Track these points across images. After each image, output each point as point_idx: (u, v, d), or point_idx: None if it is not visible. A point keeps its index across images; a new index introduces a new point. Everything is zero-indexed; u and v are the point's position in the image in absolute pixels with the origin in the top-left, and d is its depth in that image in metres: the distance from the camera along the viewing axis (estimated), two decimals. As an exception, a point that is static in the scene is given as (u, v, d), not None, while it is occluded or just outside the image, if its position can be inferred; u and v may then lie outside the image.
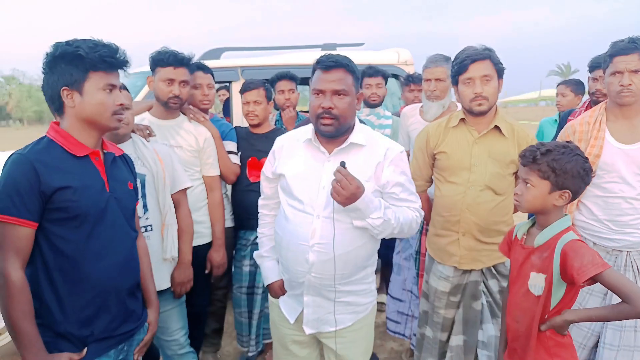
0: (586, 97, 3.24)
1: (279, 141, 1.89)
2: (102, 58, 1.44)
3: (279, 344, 1.96)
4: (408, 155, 2.58)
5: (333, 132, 1.67)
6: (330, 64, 1.64)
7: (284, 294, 1.89)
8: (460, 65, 2.05)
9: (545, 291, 1.53)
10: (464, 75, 2.05)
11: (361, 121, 1.90)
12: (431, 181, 2.35)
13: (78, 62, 1.43)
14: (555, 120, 4.02)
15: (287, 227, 1.75)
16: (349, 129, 1.71)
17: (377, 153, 1.71)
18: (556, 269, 1.50)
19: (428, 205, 2.39)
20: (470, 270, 2.17)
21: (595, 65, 2.84)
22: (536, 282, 1.56)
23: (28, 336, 1.37)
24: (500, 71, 2.06)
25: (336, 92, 1.64)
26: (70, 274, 1.45)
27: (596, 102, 2.86)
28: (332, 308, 1.76)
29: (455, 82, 2.13)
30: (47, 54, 1.45)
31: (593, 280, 1.45)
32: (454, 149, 2.15)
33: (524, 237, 1.67)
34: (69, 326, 1.45)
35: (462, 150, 2.13)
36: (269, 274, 1.93)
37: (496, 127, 2.10)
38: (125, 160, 1.72)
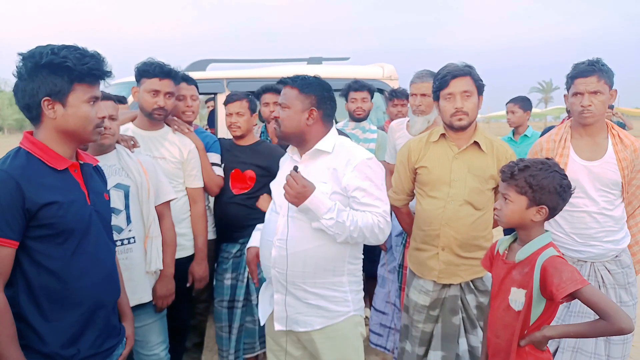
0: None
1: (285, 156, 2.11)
2: (90, 70, 1.40)
3: (272, 341, 2.00)
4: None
5: (280, 136, 1.92)
6: (280, 81, 1.94)
7: (252, 264, 2.02)
8: (442, 80, 2.10)
9: (525, 306, 1.55)
10: (445, 91, 2.10)
11: (343, 134, 1.96)
12: (413, 195, 2.38)
13: (64, 73, 1.37)
14: (511, 137, 4.27)
15: (265, 225, 1.97)
16: (300, 138, 1.88)
17: (340, 159, 1.83)
18: (536, 284, 1.52)
19: (410, 219, 2.41)
20: (450, 285, 2.19)
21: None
22: (516, 298, 1.58)
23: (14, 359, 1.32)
24: (480, 88, 2.12)
25: (280, 104, 1.90)
26: (55, 291, 1.40)
27: None
28: (301, 309, 1.84)
29: (436, 98, 2.18)
30: (25, 58, 1.37)
31: (572, 296, 1.47)
32: (434, 164, 2.19)
33: (506, 252, 1.70)
34: (56, 346, 1.41)
35: (442, 165, 2.16)
36: (251, 241, 2.07)
37: (475, 142, 2.14)
38: (98, 170, 1.68)
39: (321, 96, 1.88)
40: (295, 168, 1.75)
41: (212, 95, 4.84)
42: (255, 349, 2.74)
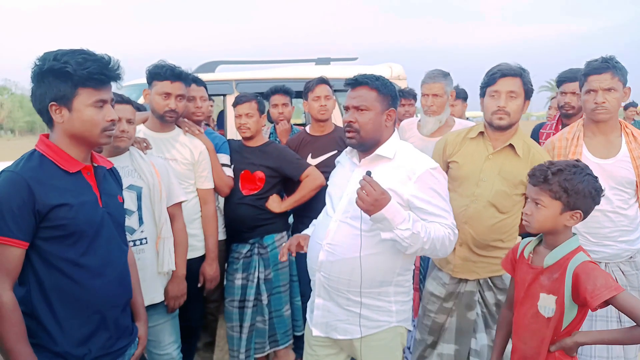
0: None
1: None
2: (90, 75, 1.39)
3: (307, 343, 1.98)
4: None
5: (355, 144, 1.79)
6: (352, 81, 1.79)
7: (298, 246, 1.92)
8: (490, 77, 2.08)
9: (557, 313, 1.50)
10: (491, 88, 2.08)
11: None
12: None
13: (66, 78, 1.38)
14: None
15: (315, 228, 1.91)
16: (377, 142, 1.78)
17: (403, 168, 1.74)
18: (568, 291, 1.48)
19: None
20: (467, 280, 2.18)
21: (563, 80, 2.93)
22: (546, 304, 1.53)
23: (24, 357, 1.34)
24: (528, 92, 2.08)
25: (356, 107, 1.77)
26: (66, 292, 1.42)
27: (566, 115, 2.96)
28: (342, 316, 1.78)
29: (482, 94, 2.15)
30: (35, 64, 1.40)
31: (606, 303, 1.42)
32: (465, 160, 2.18)
33: (531, 256, 1.64)
34: (67, 345, 1.42)
35: (474, 163, 2.15)
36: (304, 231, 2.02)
37: (511, 145, 2.10)
38: (113, 173, 1.70)
39: (395, 96, 1.80)
40: (369, 173, 1.61)
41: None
42: (265, 349, 2.75)
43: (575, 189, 1.50)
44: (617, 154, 2.13)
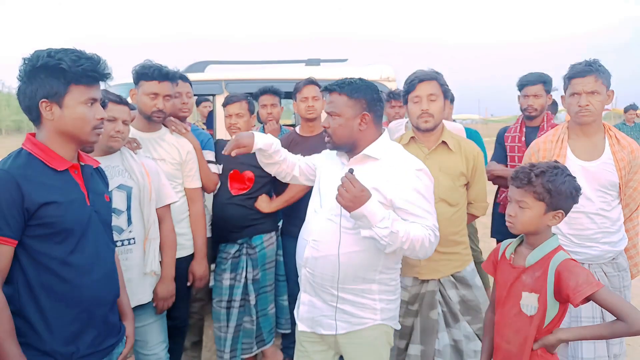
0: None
1: (324, 152, 2.08)
2: (85, 72, 1.41)
3: (297, 340, 2.00)
4: None
5: (331, 147, 1.88)
6: (325, 89, 1.86)
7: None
8: (409, 84, 2.22)
9: (540, 311, 1.53)
10: (412, 94, 2.21)
11: None
12: None
13: (59, 75, 1.39)
14: None
15: (304, 224, 1.93)
16: (353, 145, 1.82)
17: (389, 168, 1.77)
18: (550, 288, 1.51)
19: None
20: (428, 280, 2.23)
21: (524, 83, 3.04)
22: (529, 302, 1.56)
23: (12, 356, 1.33)
24: (446, 92, 2.23)
25: (329, 113, 1.83)
26: (55, 290, 1.42)
27: (528, 117, 3.06)
28: (327, 312, 1.81)
29: (405, 102, 2.28)
30: (25, 62, 1.40)
31: (587, 299, 1.46)
32: None
33: (512, 256, 1.67)
34: (55, 344, 1.42)
35: None
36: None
37: (444, 142, 2.24)
38: (100, 172, 1.70)
39: (371, 98, 1.81)
40: (351, 170, 1.65)
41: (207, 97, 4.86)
42: (252, 349, 2.75)
43: (557, 190, 1.54)
44: (601, 157, 2.17)
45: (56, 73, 1.39)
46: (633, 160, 2.16)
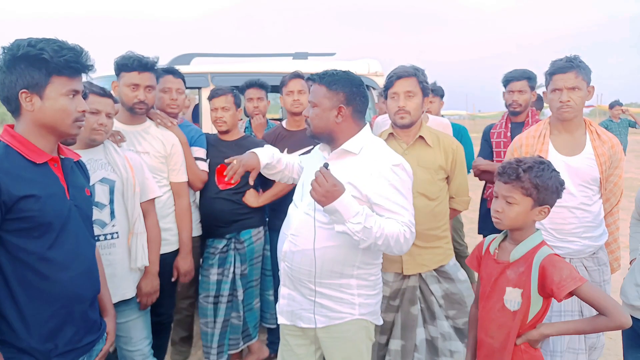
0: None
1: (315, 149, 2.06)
2: (67, 63, 1.38)
3: (281, 333, 2.00)
4: None
5: (310, 136, 1.88)
6: (311, 77, 1.86)
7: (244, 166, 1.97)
8: (388, 81, 2.25)
9: (524, 306, 1.54)
10: (390, 90, 2.25)
11: None
12: None
13: (41, 65, 1.36)
14: None
15: (286, 218, 1.94)
16: (330, 136, 1.82)
17: (366, 163, 1.76)
18: (534, 283, 1.52)
19: None
20: (409, 276, 2.25)
21: (509, 79, 3.09)
22: (512, 297, 1.57)
23: None
24: (425, 89, 2.24)
25: (310, 102, 1.84)
26: (32, 285, 1.38)
27: (513, 113, 3.11)
28: (306, 305, 1.82)
29: (385, 97, 2.31)
30: (5, 51, 1.37)
31: (571, 294, 1.47)
32: None
33: (496, 251, 1.68)
34: (32, 341, 1.39)
35: None
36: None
37: (421, 137, 2.27)
38: (81, 166, 1.66)
39: (350, 92, 1.79)
40: (326, 165, 1.64)
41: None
42: (239, 345, 2.74)
43: (545, 185, 1.56)
44: (582, 152, 2.19)
45: (37, 63, 1.36)
46: (613, 155, 2.20)
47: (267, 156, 2.04)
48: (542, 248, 1.58)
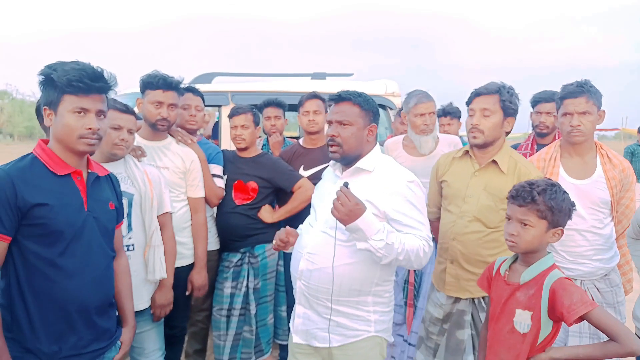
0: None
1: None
2: (69, 82, 1.47)
3: (290, 352, 2.00)
4: None
5: (338, 158, 1.85)
6: (335, 97, 1.86)
7: (283, 243, 1.92)
8: (469, 97, 2.17)
9: (534, 329, 1.53)
10: (469, 107, 2.17)
11: None
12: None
13: (55, 85, 1.48)
14: None
15: (299, 237, 1.93)
16: (358, 155, 1.83)
17: (381, 180, 1.79)
18: (544, 306, 1.51)
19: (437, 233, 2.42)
20: (460, 299, 2.20)
21: (538, 100, 3.02)
22: (522, 320, 1.56)
23: None
24: (506, 109, 2.09)
25: (339, 122, 1.82)
26: (40, 289, 1.46)
27: (539, 135, 3.04)
28: (321, 324, 1.81)
29: (467, 113, 2.22)
30: (39, 73, 1.52)
31: (581, 318, 1.45)
32: (454, 179, 2.23)
33: (507, 273, 1.67)
34: (38, 342, 1.46)
35: (461, 181, 2.20)
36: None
37: (494, 161, 2.13)
38: (111, 180, 1.74)
39: (376, 112, 1.87)
40: (346, 184, 1.66)
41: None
42: (251, 359, 2.75)
43: (559, 207, 1.55)
44: (593, 175, 2.18)
45: (52, 83, 1.49)
46: (625, 179, 2.18)
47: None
48: (553, 271, 1.57)
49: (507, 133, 2.19)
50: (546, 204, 1.54)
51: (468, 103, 2.17)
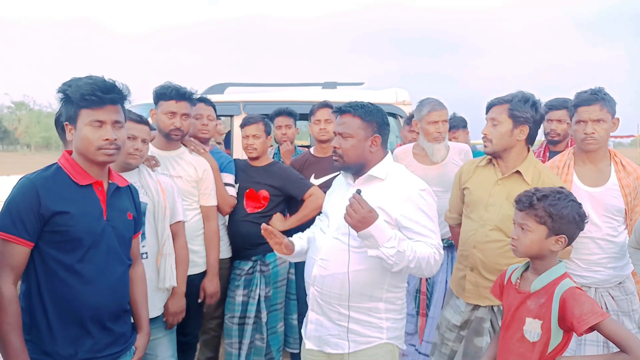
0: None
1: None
2: (82, 96, 1.53)
3: (302, 358, 2.01)
4: None
5: (340, 167, 1.90)
6: (337, 110, 1.90)
7: (281, 248, 1.95)
8: (486, 108, 2.19)
9: (544, 338, 1.53)
10: (485, 117, 2.20)
11: None
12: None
13: (72, 100, 1.55)
14: None
15: (311, 244, 1.98)
16: (362, 166, 1.85)
17: (393, 188, 1.81)
18: (554, 315, 1.51)
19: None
20: (479, 306, 2.19)
21: (549, 107, 2.98)
22: (532, 328, 1.56)
23: (14, 349, 1.43)
24: (516, 118, 2.08)
25: (340, 134, 1.86)
26: (59, 294, 1.51)
27: (551, 142, 3.01)
28: (334, 330, 1.83)
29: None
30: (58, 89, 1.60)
31: (591, 328, 1.45)
32: (476, 186, 2.23)
33: (518, 281, 1.67)
34: (55, 345, 1.51)
35: (483, 189, 2.20)
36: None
37: (518, 172, 2.12)
38: (130, 191, 1.79)
39: (381, 122, 1.87)
40: (359, 191, 1.68)
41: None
42: (262, 367, 2.76)
43: (559, 214, 1.55)
44: (607, 183, 2.17)
45: (69, 98, 1.56)
46: (639, 187, 2.16)
47: (299, 246, 2.03)
48: (564, 280, 1.56)
49: (532, 142, 2.18)
50: (545, 210, 1.55)
51: (486, 114, 2.20)
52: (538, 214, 1.57)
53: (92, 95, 1.53)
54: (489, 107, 2.15)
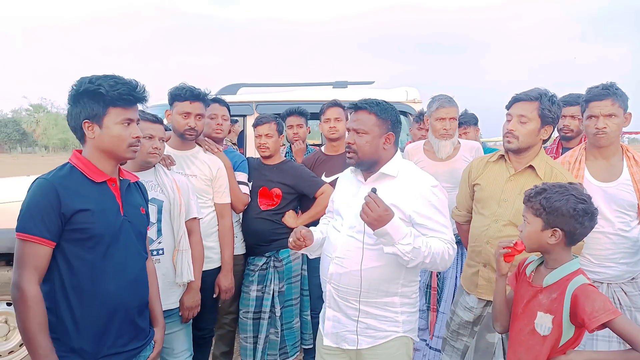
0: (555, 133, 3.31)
1: (342, 174, 2.13)
2: (120, 96, 1.57)
3: (318, 353, 2.05)
4: None
5: (354, 163, 1.90)
6: (353, 106, 1.91)
7: (299, 240, 1.92)
8: (509, 101, 2.15)
9: (554, 332, 1.54)
10: (508, 112, 2.14)
11: None
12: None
13: (99, 99, 1.55)
14: None
15: (326, 242, 1.99)
16: (375, 162, 1.87)
17: (405, 185, 1.83)
18: (566, 311, 1.51)
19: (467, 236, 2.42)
20: (491, 302, 2.18)
21: (563, 103, 2.88)
22: (543, 322, 1.56)
23: (42, 348, 1.45)
24: (545, 117, 2.05)
25: (355, 130, 1.87)
26: (84, 291, 1.54)
27: (565, 138, 2.97)
28: (351, 327, 1.86)
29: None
30: (72, 87, 1.59)
31: (603, 326, 1.45)
32: (488, 182, 2.23)
33: (532, 274, 1.68)
34: (82, 341, 1.54)
35: (495, 185, 2.20)
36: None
37: (531, 166, 2.11)
38: (139, 186, 1.83)
39: (395, 120, 1.89)
40: (374, 190, 1.69)
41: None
42: (276, 361, 2.81)
43: (552, 207, 1.56)
44: (619, 178, 2.17)
45: (96, 97, 1.56)
46: None
47: (317, 238, 2.03)
48: (577, 276, 1.56)
49: (545, 141, 2.17)
50: (540, 203, 1.58)
51: (507, 107, 2.14)
52: (534, 207, 1.60)
53: (129, 95, 1.58)
54: (514, 102, 2.10)
